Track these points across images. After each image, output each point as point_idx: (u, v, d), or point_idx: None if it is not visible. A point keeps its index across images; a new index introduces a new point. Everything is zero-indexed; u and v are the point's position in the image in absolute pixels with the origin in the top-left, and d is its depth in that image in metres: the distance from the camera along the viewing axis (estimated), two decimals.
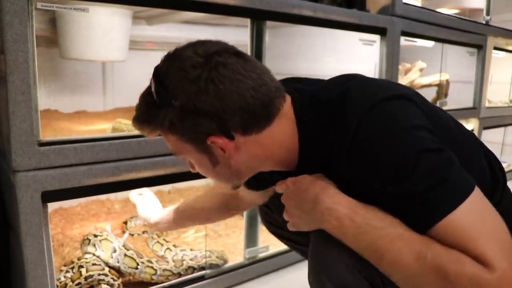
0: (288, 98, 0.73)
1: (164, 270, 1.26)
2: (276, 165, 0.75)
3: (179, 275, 1.27)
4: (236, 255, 1.42)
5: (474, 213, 0.58)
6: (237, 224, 1.70)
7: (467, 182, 0.60)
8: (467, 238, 0.56)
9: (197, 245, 1.53)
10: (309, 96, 0.73)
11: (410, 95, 0.68)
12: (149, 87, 0.74)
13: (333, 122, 0.66)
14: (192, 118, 0.68)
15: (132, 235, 1.58)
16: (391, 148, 0.61)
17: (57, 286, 1.07)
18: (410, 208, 0.60)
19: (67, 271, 1.18)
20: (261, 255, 1.41)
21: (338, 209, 0.64)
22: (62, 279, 1.16)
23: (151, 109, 0.72)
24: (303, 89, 0.75)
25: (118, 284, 1.18)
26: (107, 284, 1.17)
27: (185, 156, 0.77)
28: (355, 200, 0.64)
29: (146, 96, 0.75)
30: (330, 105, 0.68)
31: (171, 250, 1.40)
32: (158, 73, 0.71)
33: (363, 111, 0.63)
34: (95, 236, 1.28)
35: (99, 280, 1.17)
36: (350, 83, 0.70)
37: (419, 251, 0.57)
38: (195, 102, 0.66)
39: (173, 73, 0.69)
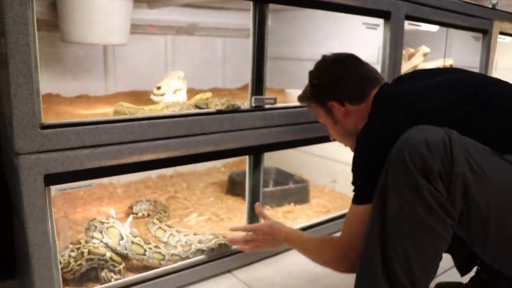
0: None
1: (173, 255, 1.27)
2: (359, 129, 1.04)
3: (188, 259, 1.28)
4: None
5: (355, 213, 0.96)
6: (239, 208, 1.71)
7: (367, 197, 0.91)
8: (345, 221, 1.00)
9: (200, 229, 1.54)
10: (385, 92, 1.06)
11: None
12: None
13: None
14: (321, 89, 1.12)
15: (137, 214, 1.59)
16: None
17: (60, 262, 1.08)
18: None
19: (72, 250, 1.19)
20: None
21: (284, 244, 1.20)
22: (66, 256, 1.17)
23: (306, 88, 1.18)
24: (394, 85, 1.08)
25: (119, 270, 1.19)
26: (108, 269, 1.18)
27: (320, 119, 1.17)
28: (292, 234, 1.19)
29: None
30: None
31: (174, 236, 1.40)
32: (315, 66, 1.17)
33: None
34: (102, 223, 1.29)
35: (99, 264, 1.18)
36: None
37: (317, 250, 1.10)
38: (325, 79, 1.11)
39: (317, 64, 1.16)
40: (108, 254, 1.20)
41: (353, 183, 0.97)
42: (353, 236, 0.95)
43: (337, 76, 1.10)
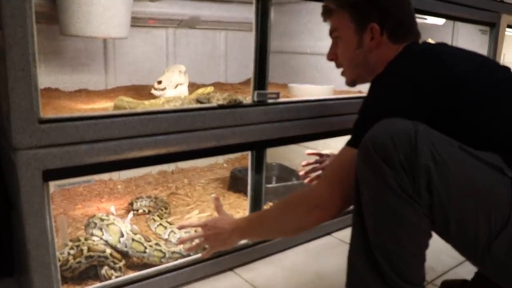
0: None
1: (173, 252, 1.25)
2: (378, 69, 0.99)
3: (189, 256, 1.26)
4: None
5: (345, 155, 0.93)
6: (241, 205, 1.69)
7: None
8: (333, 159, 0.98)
9: None
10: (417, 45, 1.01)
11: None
12: None
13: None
14: (371, 5, 0.99)
15: (137, 210, 1.57)
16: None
17: (59, 259, 1.06)
18: None
19: (71, 248, 1.17)
20: None
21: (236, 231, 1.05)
22: (65, 254, 1.15)
23: None
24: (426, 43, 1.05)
25: (120, 267, 1.17)
26: (108, 266, 1.17)
27: (340, 34, 1.05)
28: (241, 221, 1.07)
29: None
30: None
31: (175, 233, 1.39)
32: None
33: None
34: (102, 220, 1.27)
35: (99, 261, 1.17)
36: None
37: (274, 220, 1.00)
38: None
39: None
40: (108, 250, 1.18)
41: (355, 124, 0.93)
42: (340, 172, 0.91)
43: (394, 2, 1.00)
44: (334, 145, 1.82)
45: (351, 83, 1.13)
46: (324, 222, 0.93)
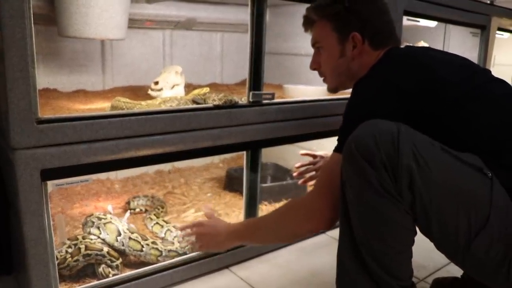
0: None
1: (170, 251, 1.27)
2: (361, 75, 1.01)
3: (185, 255, 1.28)
4: None
5: (335, 161, 0.91)
6: (236, 204, 1.71)
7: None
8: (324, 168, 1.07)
9: None
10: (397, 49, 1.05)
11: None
12: None
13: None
14: (351, 14, 1.02)
15: (134, 209, 1.59)
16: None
17: (57, 258, 1.07)
18: None
19: (69, 246, 1.19)
20: None
21: (232, 233, 1.08)
22: (63, 252, 1.17)
23: (328, 3, 1.06)
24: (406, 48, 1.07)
25: (117, 265, 1.19)
26: (105, 264, 1.18)
27: (322, 44, 1.08)
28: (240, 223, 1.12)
29: None
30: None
31: (171, 232, 1.40)
32: None
33: None
34: (99, 218, 1.29)
35: (97, 259, 1.18)
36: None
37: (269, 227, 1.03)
38: (358, 7, 1.02)
39: None
40: (106, 249, 1.19)
41: (340, 129, 0.96)
42: (331, 182, 0.92)
43: (373, 10, 1.04)
44: (328, 145, 1.84)
45: (334, 90, 1.16)
46: (320, 231, 0.96)
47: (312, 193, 0.97)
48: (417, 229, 0.84)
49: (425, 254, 1.30)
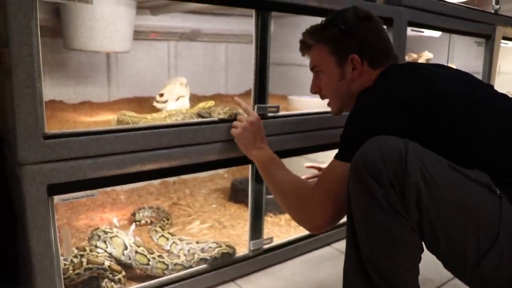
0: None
1: (176, 264, 1.26)
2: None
3: (191, 268, 1.27)
4: (241, 247, 1.43)
5: (335, 170, 0.93)
6: (241, 216, 1.71)
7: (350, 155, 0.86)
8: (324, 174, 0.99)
9: (202, 236, 1.54)
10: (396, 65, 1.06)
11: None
12: (328, 17, 1.09)
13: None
14: (348, 36, 1.03)
15: (140, 221, 1.59)
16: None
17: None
18: None
19: (75, 256, 1.18)
20: (266, 246, 1.41)
21: (261, 154, 1.16)
22: (68, 262, 1.16)
23: (324, 27, 1.07)
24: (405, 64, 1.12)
25: (119, 279, 1.18)
26: (107, 278, 1.18)
27: (321, 68, 1.10)
28: (273, 159, 1.15)
29: (324, 20, 1.09)
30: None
31: (177, 244, 1.40)
32: (339, 10, 1.09)
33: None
34: (105, 232, 1.29)
35: (99, 273, 1.18)
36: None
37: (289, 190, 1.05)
38: (354, 29, 1.03)
39: (346, 11, 1.06)
40: (107, 263, 1.19)
41: (341, 137, 0.96)
42: (330, 190, 0.94)
43: (369, 30, 1.05)
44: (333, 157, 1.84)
45: (338, 112, 1.17)
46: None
47: (314, 201, 0.97)
48: (424, 246, 0.83)
49: (431, 267, 1.28)
